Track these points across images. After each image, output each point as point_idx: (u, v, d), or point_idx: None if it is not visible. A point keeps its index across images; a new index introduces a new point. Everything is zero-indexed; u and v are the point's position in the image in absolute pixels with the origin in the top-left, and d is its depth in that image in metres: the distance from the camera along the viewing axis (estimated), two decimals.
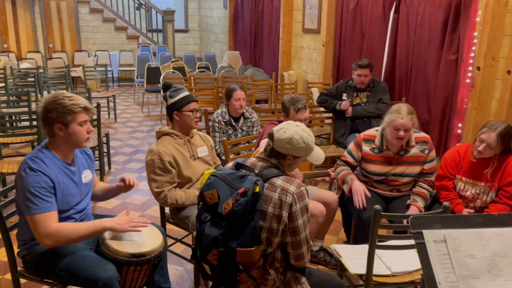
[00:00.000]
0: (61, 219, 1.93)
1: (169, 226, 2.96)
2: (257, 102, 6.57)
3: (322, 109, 4.78)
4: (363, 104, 4.38)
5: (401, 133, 2.59)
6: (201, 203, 1.85)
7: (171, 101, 2.59)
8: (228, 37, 9.78)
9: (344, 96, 4.46)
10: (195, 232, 1.91)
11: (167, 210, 2.77)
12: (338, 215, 3.20)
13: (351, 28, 5.44)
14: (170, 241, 2.93)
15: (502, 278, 1.10)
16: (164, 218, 2.76)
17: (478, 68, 3.67)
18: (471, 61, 3.83)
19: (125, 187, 2.27)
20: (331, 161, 4.62)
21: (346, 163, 2.87)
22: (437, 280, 1.07)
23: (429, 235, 1.12)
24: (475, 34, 3.77)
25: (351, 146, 2.86)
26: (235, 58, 8.86)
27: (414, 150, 2.73)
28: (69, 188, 2.00)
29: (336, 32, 5.80)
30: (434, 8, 4.18)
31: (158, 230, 2.18)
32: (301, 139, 1.84)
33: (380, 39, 4.97)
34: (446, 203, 2.00)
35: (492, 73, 3.66)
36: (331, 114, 4.66)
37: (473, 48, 3.80)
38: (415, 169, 2.75)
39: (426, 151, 2.74)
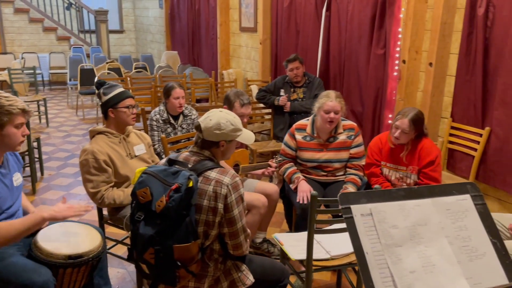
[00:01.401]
0: None
1: (109, 229, 2.88)
2: (198, 101, 6.54)
3: (262, 105, 4.87)
4: (300, 100, 4.51)
5: (332, 115, 2.76)
6: (133, 202, 1.81)
7: (105, 98, 2.52)
8: (165, 37, 9.63)
9: (282, 92, 4.57)
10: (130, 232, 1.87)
11: (105, 211, 2.68)
12: (280, 207, 3.28)
13: (286, 25, 5.57)
14: (110, 243, 2.84)
15: (423, 245, 1.19)
16: (102, 220, 2.67)
17: (404, 62, 3.91)
18: (397, 55, 4.07)
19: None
20: (272, 156, 4.70)
21: (285, 155, 2.98)
22: (365, 250, 1.14)
23: (356, 209, 1.19)
24: (400, 29, 4.01)
25: (286, 137, 2.98)
26: (173, 58, 8.75)
27: (342, 137, 2.91)
28: (0, 191, 1.88)
29: (272, 30, 5.91)
30: (362, 5, 4.39)
31: (95, 230, 2.11)
32: (228, 122, 1.86)
33: (314, 36, 5.13)
34: (377, 185, 2.12)
35: (416, 65, 3.91)
36: (270, 110, 4.76)
37: (399, 42, 4.04)
38: (344, 155, 2.92)
39: (352, 137, 2.91)
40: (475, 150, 3.44)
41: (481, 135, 3.41)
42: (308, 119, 2.98)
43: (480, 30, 3.32)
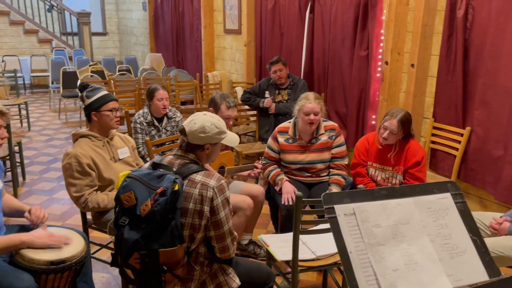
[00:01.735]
0: None
1: (93, 233, 2.84)
2: (183, 103, 6.52)
3: (247, 107, 4.88)
4: (284, 101, 4.54)
5: (311, 116, 2.79)
6: (117, 207, 1.79)
7: (88, 101, 2.49)
8: (149, 39, 9.57)
9: (267, 94, 4.59)
10: (113, 237, 1.85)
11: (89, 215, 2.65)
12: (267, 209, 3.29)
13: (271, 28, 5.59)
14: (94, 248, 2.81)
15: (405, 243, 1.21)
16: (86, 224, 2.63)
17: (386, 63, 3.96)
18: (380, 56, 4.12)
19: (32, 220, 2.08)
20: (257, 157, 4.72)
21: (269, 158, 3.00)
22: (348, 250, 1.15)
23: (340, 209, 1.20)
24: (382, 31, 4.06)
25: (269, 140, 3.00)
26: (158, 60, 8.69)
27: (324, 138, 2.94)
28: None
29: (256, 32, 5.92)
30: (345, 7, 4.43)
31: (78, 234, 2.09)
32: (213, 125, 1.86)
33: (298, 38, 5.16)
34: (361, 186, 2.15)
35: (399, 67, 3.97)
36: (255, 112, 4.77)
37: (381, 44, 4.09)
38: (327, 155, 2.95)
39: (334, 137, 2.94)
40: (457, 149, 3.50)
41: (462, 135, 3.47)
42: (290, 122, 3.00)
43: (460, 31, 3.38)
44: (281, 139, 2.95)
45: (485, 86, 3.27)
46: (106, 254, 2.96)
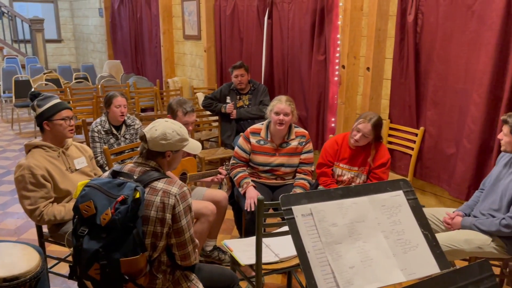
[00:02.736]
0: None
1: (50, 247, 2.74)
2: (143, 110, 6.41)
3: (209, 113, 4.86)
4: (245, 106, 4.56)
5: (281, 117, 2.86)
6: (75, 217, 1.74)
7: (39, 110, 2.40)
8: (107, 46, 9.36)
9: (228, 99, 4.59)
10: (72, 249, 1.79)
11: (45, 228, 2.55)
12: (231, 214, 3.28)
13: (230, 33, 5.61)
14: (52, 262, 2.70)
15: (361, 241, 1.25)
16: (42, 238, 2.53)
17: (343, 67, 4.07)
18: (337, 60, 4.22)
19: None
20: (221, 163, 4.70)
21: (239, 158, 3.00)
22: (307, 250, 1.17)
23: (297, 210, 1.22)
24: (338, 36, 4.17)
25: (241, 140, 3.01)
26: (116, 67, 8.51)
27: (294, 143, 2.99)
28: None
29: (216, 38, 5.93)
30: (302, 13, 4.52)
31: (32, 248, 2.00)
32: (175, 132, 1.85)
33: (257, 43, 5.20)
34: (320, 187, 2.19)
35: (355, 70, 4.08)
36: (217, 118, 4.76)
37: (338, 48, 4.20)
38: (295, 160, 3.00)
39: (303, 143, 2.99)
40: (412, 149, 3.64)
41: (416, 135, 3.61)
42: (262, 123, 3.04)
43: (411, 36, 3.52)
44: (253, 140, 2.98)
45: (436, 88, 3.42)
46: (64, 268, 2.85)
